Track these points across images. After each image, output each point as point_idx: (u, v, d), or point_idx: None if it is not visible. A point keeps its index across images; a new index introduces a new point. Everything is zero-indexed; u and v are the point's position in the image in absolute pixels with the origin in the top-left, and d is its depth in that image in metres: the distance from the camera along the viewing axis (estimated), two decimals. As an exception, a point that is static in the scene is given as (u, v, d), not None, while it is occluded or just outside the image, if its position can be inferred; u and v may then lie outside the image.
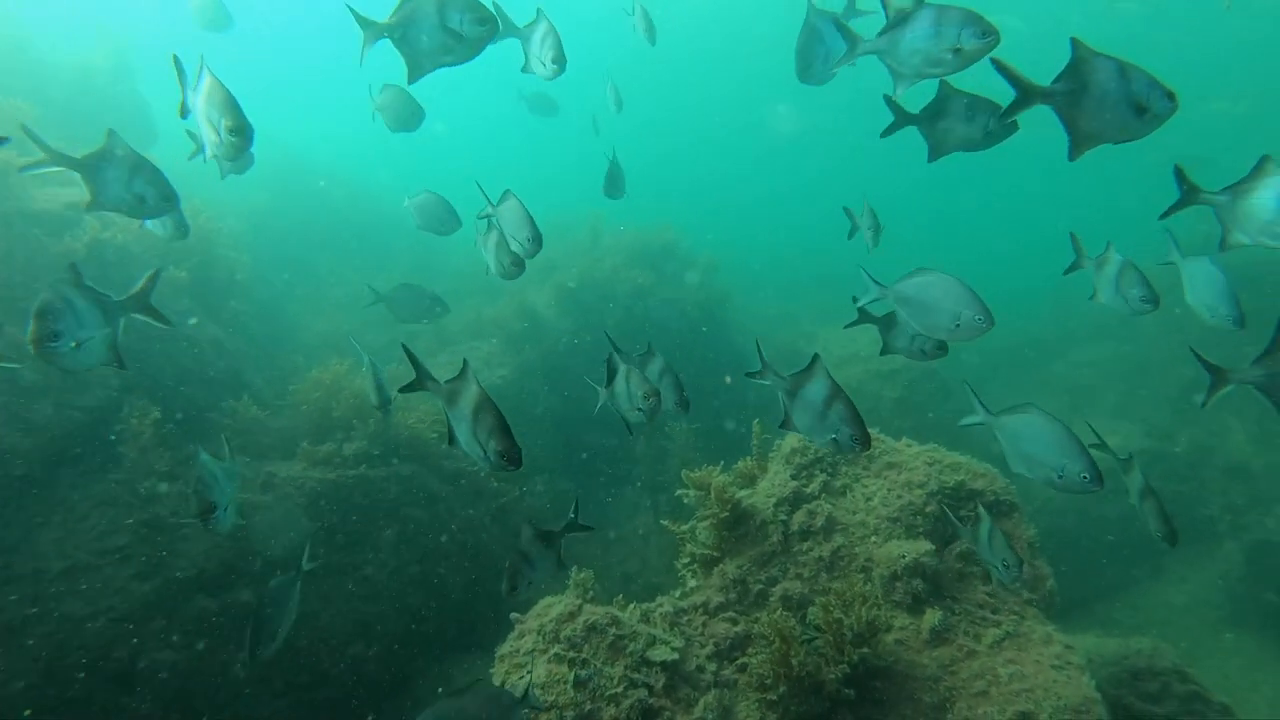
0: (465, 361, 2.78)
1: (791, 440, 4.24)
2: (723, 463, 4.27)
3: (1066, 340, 13.15)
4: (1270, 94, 23.17)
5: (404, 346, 2.99)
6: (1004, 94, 2.87)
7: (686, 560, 4.28)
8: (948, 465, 3.90)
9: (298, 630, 4.64)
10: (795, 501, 3.99)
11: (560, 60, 4.10)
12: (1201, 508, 8.62)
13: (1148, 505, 3.52)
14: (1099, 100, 2.67)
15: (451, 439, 2.75)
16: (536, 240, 4.10)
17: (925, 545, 3.59)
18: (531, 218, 4.10)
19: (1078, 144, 2.78)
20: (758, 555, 3.92)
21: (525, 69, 4.23)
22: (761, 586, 3.84)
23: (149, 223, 3.87)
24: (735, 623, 3.72)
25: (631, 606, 4.26)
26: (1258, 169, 2.88)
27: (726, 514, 4.03)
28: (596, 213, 12.21)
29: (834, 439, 2.83)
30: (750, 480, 4.33)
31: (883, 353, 3.63)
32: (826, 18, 3.93)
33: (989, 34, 2.74)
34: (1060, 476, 2.75)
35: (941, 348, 3.43)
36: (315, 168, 15.99)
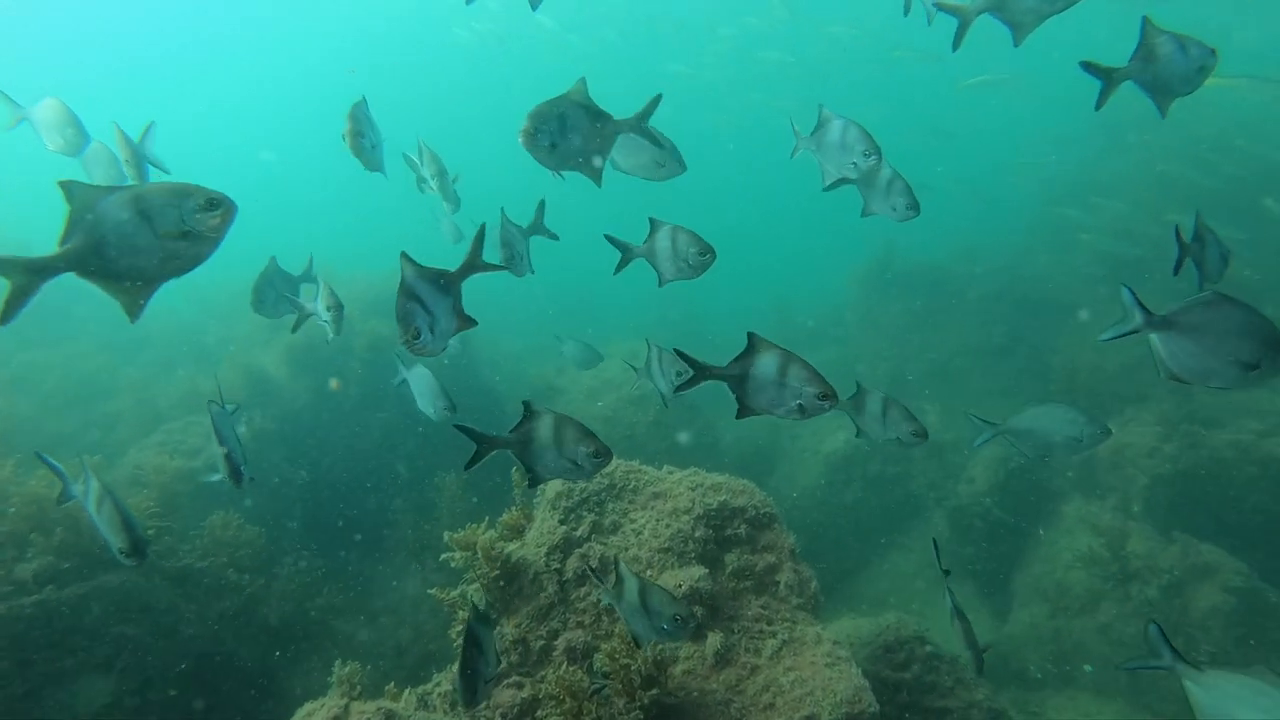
0: (526, 403, 2.83)
1: (555, 484, 4.12)
2: (487, 518, 4.04)
3: (792, 348, 14.60)
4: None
5: (457, 426, 2.90)
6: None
7: (460, 628, 3.97)
8: (710, 487, 4.02)
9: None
10: (567, 547, 3.87)
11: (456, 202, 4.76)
12: (911, 484, 9.91)
13: (970, 654, 3.78)
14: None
15: (534, 481, 2.87)
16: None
17: (699, 570, 3.64)
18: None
19: None
20: (535, 610, 3.73)
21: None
22: (544, 642, 3.65)
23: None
24: (521, 687, 3.49)
25: (407, 693, 3.86)
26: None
27: (497, 572, 3.80)
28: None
29: (799, 404, 2.75)
30: (518, 532, 4.14)
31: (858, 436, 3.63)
32: (279, 272, 5.16)
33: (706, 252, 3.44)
34: None
35: (918, 435, 3.42)
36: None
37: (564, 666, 3.38)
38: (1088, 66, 3.25)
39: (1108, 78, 3.25)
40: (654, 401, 10.28)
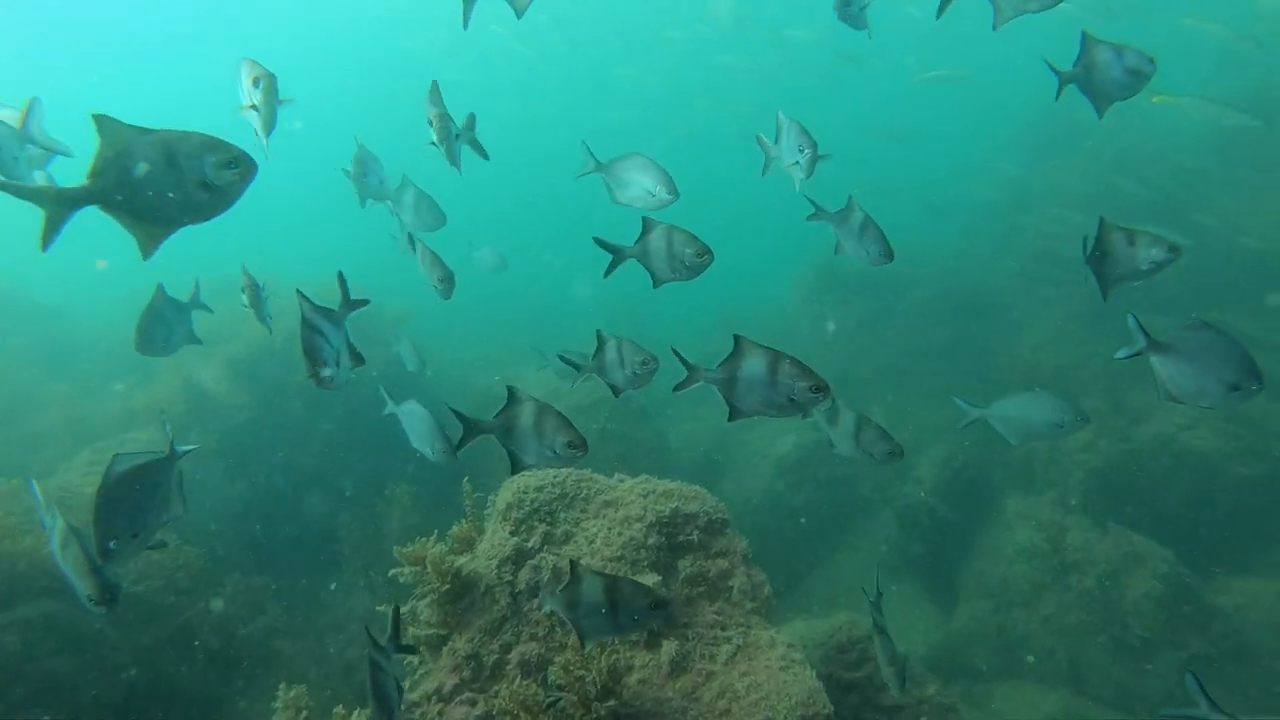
0: (510, 388, 2.93)
1: (506, 495, 4.07)
2: (437, 531, 3.97)
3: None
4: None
5: (450, 408, 3.13)
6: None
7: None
8: (661, 494, 4.02)
9: None
10: (518, 559, 3.82)
11: (441, 218, 4.65)
12: (860, 485, 10.08)
13: (890, 671, 3.88)
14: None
15: (516, 467, 2.95)
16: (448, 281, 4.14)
17: (652, 578, 3.63)
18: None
19: None
20: (488, 624, 3.67)
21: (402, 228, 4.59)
22: (497, 656, 3.60)
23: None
24: (474, 704, 3.43)
25: (356, 714, 3.76)
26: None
27: (448, 586, 3.73)
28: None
29: (791, 400, 2.77)
30: (469, 545, 4.08)
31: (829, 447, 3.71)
32: (170, 304, 4.60)
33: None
34: None
35: (893, 455, 3.58)
36: None
37: (518, 681, 3.34)
38: (1049, 64, 3.54)
39: (1061, 76, 3.53)
40: (604, 409, 10.24)
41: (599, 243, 3.58)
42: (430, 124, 3.85)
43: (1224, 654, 6.83)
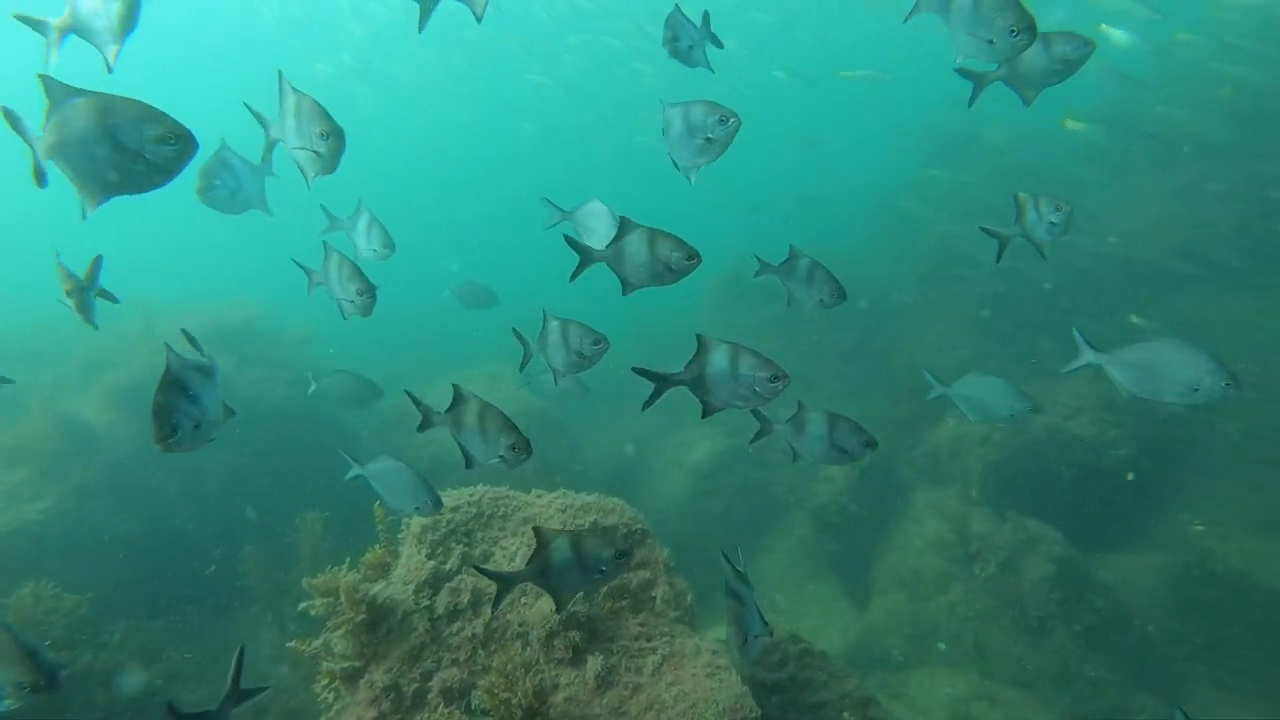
0: (456, 386, 3.03)
1: (420, 518, 3.95)
2: (349, 559, 3.81)
3: (664, 363, 14.75)
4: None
5: (408, 392, 3.23)
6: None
7: (326, 681, 3.71)
8: (579, 508, 3.98)
9: None
10: (436, 582, 3.71)
11: (389, 245, 4.54)
12: (774, 487, 10.29)
13: (731, 631, 3.85)
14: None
15: (469, 462, 3.01)
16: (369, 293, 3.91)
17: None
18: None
19: None
20: (407, 652, 3.55)
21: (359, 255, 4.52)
22: (418, 685, 3.48)
23: None
24: (394, 737, 3.30)
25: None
26: None
27: (363, 616, 3.59)
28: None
29: (754, 390, 2.87)
30: (384, 570, 3.93)
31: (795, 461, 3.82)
32: None
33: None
34: None
35: (869, 446, 3.66)
36: None
37: (440, 709, 3.24)
38: (962, 72, 3.56)
39: (978, 80, 3.60)
40: (519, 423, 10.05)
41: (569, 242, 3.34)
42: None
43: (1108, 624, 7.33)
